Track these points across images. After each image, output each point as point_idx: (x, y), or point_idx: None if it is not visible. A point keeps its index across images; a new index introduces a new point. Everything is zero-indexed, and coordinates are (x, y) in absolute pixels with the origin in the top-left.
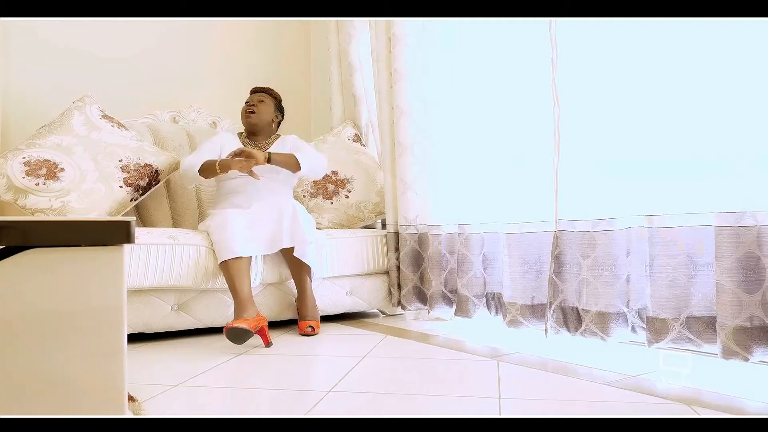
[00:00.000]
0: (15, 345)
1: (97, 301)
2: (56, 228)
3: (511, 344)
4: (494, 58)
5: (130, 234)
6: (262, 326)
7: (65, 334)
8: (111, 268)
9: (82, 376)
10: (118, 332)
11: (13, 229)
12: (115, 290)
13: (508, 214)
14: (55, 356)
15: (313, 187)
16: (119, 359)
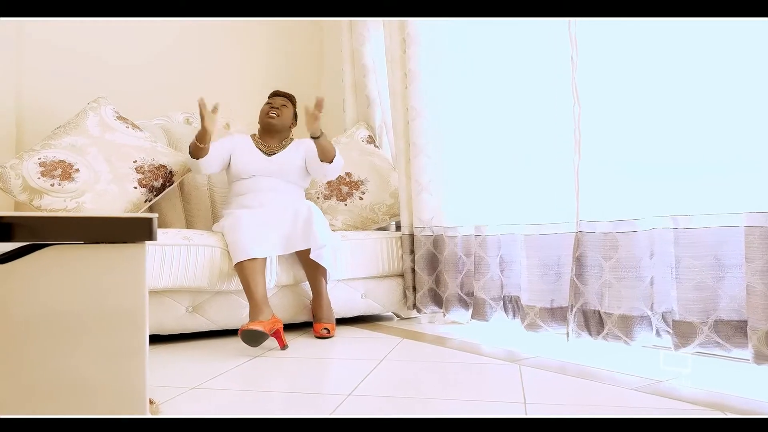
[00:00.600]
0: (34, 344)
1: (118, 300)
2: (77, 224)
3: (529, 348)
4: (511, 57)
5: (153, 231)
6: (277, 328)
7: (85, 333)
8: (132, 265)
9: (102, 378)
10: (139, 332)
11: (32, 225)
12: (136, 289)
13: (525, 215)
14: (74, 356)
15: (327, 188)
16: (140, 360)
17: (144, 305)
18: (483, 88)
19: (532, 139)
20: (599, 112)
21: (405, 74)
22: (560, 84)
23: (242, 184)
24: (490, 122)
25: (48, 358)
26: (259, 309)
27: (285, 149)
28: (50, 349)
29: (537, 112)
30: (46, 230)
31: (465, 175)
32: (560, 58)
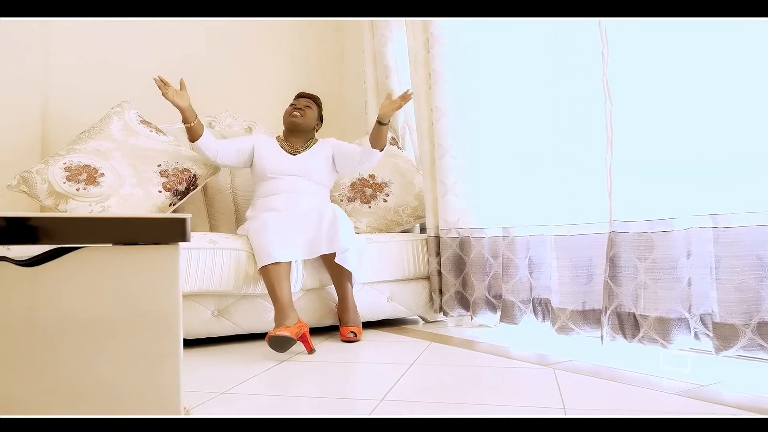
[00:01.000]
0: (66, 348)
1: (151, 303)
2: (109, 225)
3: (559, 351)
4: (539, 54)
5: (186, 231)
6: (304, 333)
7: (118, 337)
8: (166, 267)
9: (136, 382)
10: (173, 335)
11: (64, 227)
12: (170, 291)
13: (555, 215)
14: (107, 361)
15: (351, 191)
16: (174, 364)
17: (178, 308)
18: (509, 86)
19: (560, 138)
20: (632, 108)
21: (429, 74)
22: (590, 81)
23: (267, 185)
24: (517, 121)
25: (80, 363)
26: (284, 313)
27: (309, 149)
28: (83, 353)
29: (566, 110)
30: (78, 232)
31: (491, 175)
32: (590, 55)
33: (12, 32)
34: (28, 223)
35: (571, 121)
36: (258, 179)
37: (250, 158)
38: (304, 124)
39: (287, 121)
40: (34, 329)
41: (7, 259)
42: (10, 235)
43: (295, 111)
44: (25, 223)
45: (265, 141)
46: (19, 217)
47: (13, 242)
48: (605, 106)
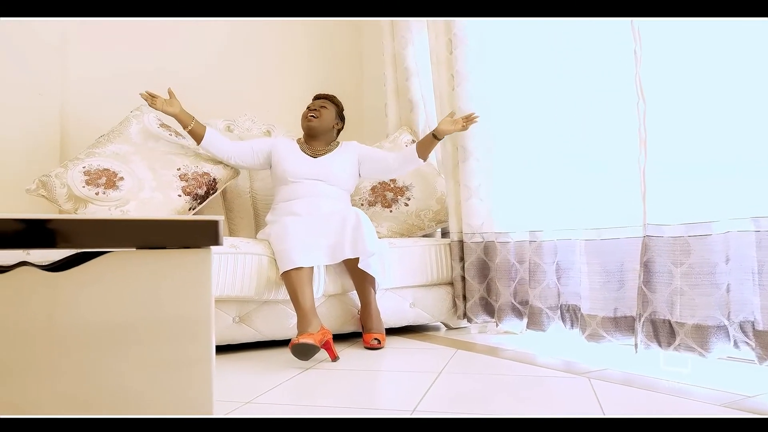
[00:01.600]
0: (94, 355)
1: (181, 308)
2: (138, 228)
3: (589, 359)
4: (566, 53)
5: (219, 235)
6: (327, 340)
7: (147, 343)
8: (197, 272)
9: (166, 388)
10: (205, 342)
11: (91, 229)
12: (201, 296)
13: (584, 219)
14: (135, 367)
15: (371, 195)
16: (206, 369)
17: (209, 314)
18: (535, 86)
19: (589, 140)
20: (666, 107)
21: (452, 76)
22: (622, 80)
23: (287, 189)
24: (544, 122)
25: (107, 371)
26: (307, 320)
27: (331, 152)
28: (111, 361)
29: (595, 111)
30: (105, 236)
31: (517, 178)
32: (622, 53)
33: (30, 36)
34: (52, 225)
35: (601, 121)
36: (278, 183)
37: (267, 160)
38: (320, 127)
39: (303, 125)
40: (58, 336)
41: (29, 263)
42: (31, 239)
43: (310, 114)
44: (48, 226)
45: (285, 144)
46: (41, 219)
47: (35, 246)
48: (638, 106)
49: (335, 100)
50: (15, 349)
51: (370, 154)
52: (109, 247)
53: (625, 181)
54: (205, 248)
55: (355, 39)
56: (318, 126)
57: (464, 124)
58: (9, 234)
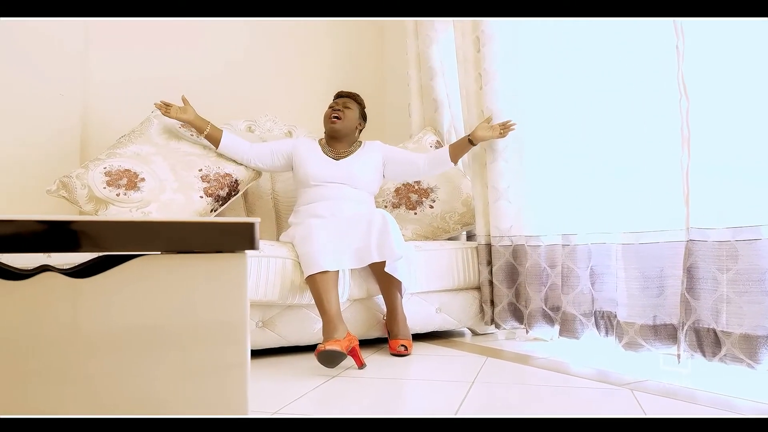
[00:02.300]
0: (129, 361)
1: (216, 315)
2: (172, 231)
3: (625, 369)
4: (600, 49)
5: (255, 238)
6: (354, 346)
7: (182, 350)
8: (232, 277)
9: (200, 394)
10: (241, 349)
11: (123, 232)
12: (236, 303)
13: (621, 222)
14: (167, 374)
15: (395, 197)
16: (242, 377)
17: (245, 323)
18: (567, 84)
19: (626, 139)
20: (712, 105)
21: (479, 74)
22: (663, 76)
23: (310, 192)
24: (577, 121)
25: (138, 378)
26: (333, 326)
27: (354, 153)
28: (145, 368)
29: (632, 109)
30: (133, 239)
31: (548, 179)
32: (663, 48)
33: (52, 39)
34: (80, 227)
35: (638, 120)
36: (300, 186)
37: (287, 162)
38: (345, 128)
39: (327, 127)
40: (86, 341)
41: (52, 268)
42: (58, 241)
43: (334, 115)
44: (75, 228)
45: (306, 146)
46: (67, 220)
47: (61, 249)
48: (680, 104)
49: (358, 98)
50: (46, 355)
51: (396, 156)
52: (140, 251)
53: (664, 182)
54: (240, 253)
55: (377, 38)
56: (342, 128)
57: (502, 131)
58: (33, 236)
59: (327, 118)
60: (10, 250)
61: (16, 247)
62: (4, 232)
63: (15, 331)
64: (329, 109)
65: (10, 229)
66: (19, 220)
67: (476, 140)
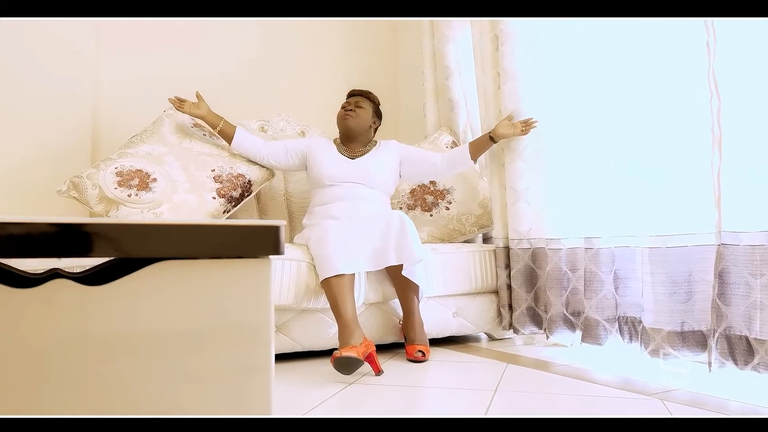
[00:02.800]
0: (146, 365)
1: (237, 318)
2: (195, 235)
3: (649, 377)
4: (625, 46)
5: (280, 242)
6: (370, 352)
7: (198, 355)
8: (255, 284)
9: (222, 401)
10: (265, 354)
11: (137, 236)
12: (260, 310)
13: (647, 225)
14: (185, 380)
15: (410, 198)
16: (266, 384)
17: (269, 334)
18: (590, 81)
19: (653, 139)
20: (745, 104)
21: (497, 73)
22: (692, 74)
23: (325, 192)
24: (600, 119)
25: (158, 383)
26: (349, 331)
27: (369, 153)
28: (158, 373)
29: (660, 108)
30: (153, 244)
31: (569, 181)
32: (693, 45)
33: (63, 38)
34: (93, 230)
35: (666, 119)
36: (314, 186)
37: (302, 161)
38: (358, 127)
39: (340, 126)
40: (104, 346)
41: (62, 274)
42: (68, 246)
43: (346, 114)
44: (88, 231)
45: (321, 145)
46: (79, 223)
47: (72, 254)
48: (711, 103)
49: (371, 96)
50: (64, 359)
51: (414, 155)
52: (161, 256)
53: (694, 184)
54: (263, 258)
55: (390, 36)
56: (355, 126)
57: (523, 129)
58: (47, 240)
59: (340, 117)
60: (22, 255)
61: (27, 251)
62: (16, 234)
63: (35, 335)
64: (341, 108)
65: (20, 230)
66: (31, 223)
67: (497, 137)
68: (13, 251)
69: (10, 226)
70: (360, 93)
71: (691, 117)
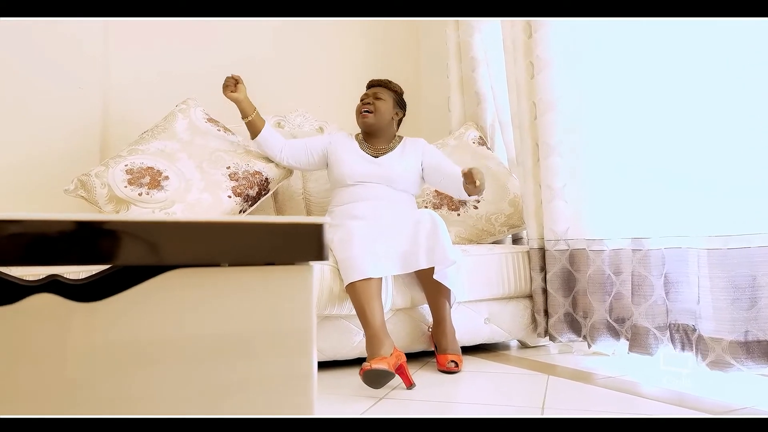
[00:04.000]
0: (184, 375)
1: (280, 327)
2: (223, 236)
3: (705, 391)
4: (676, 31)
5: (323, 246)
6: (401, 363)
7: (235, 364)
8: (295, 293)
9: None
10: (307, 353)
11: (171, 237)
12: (301, 319)
13: (702, 224)
14: (231, 387)
15: (436, 197)
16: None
17: (312, 332)
18: (636, 67)
19: (708, 129)
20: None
21: (531, 63)
22: (749, 57)
23: (346, 192)
24: (647, 110)
25: (200, 394)
26: (378, 341)
27: (394, 150)
28: (190, 382)
29: (715, 94)
30: (182, 247)
31: (612, 177)
32: (750, 38)
33: (72, 34)
34: (113, 228)
35: (724, 107)
36: (336, 185)
37: (322, 160)
38: (378, 122)
39: (359, 124)
40: (124, 355)
41: (58, 285)
42: (88, 249)
43: (364, 109)
44: (106, 228)
45: (342, 143)
46: (98, 220)
47: (92, 261)
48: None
49: (391, 85)
50: (96, 365)
51: (437, 165)
52: (183, 263)
53: (757, 180)
54: (304, 264)
55: (412, 27)
56: (375, 122)
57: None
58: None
59: (358, 112)
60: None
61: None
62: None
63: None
64: (360, 102)
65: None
66: (43, 220)
67: (472, 194)
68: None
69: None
70: (379, 83)
71: (754, 104)
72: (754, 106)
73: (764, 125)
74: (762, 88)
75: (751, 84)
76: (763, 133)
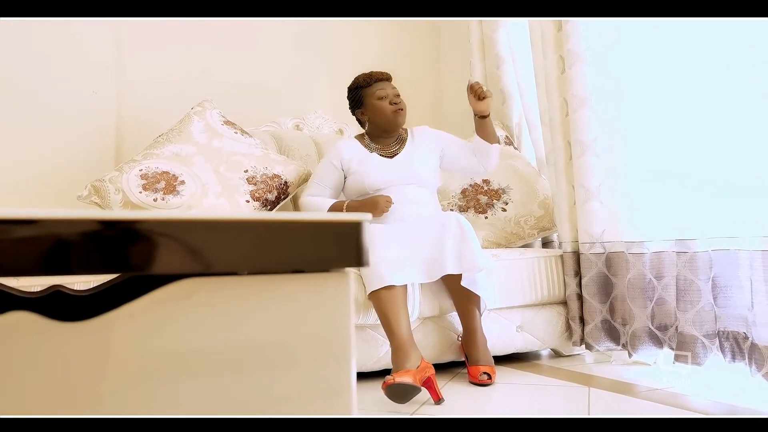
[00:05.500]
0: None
1: (314, 334)
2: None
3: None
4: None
5: (362, 250)
6: (429, 377)
7: (267, 374)
8: (331, 301)
9: None
10: (346, 362)
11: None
12: (339, 321)
13: (755, 225)
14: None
15: (462, 199)
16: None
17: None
18: (676, 59)
19: (759, 126)
20: None
21: (561, 57)
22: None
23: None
24: (690, 105)
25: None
26: (404, 353)
27: (407, 146)
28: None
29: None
30: (210, 253)
31: (653, 176)
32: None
33: (86, 38)
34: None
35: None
36: (356, 195)
37: (343, 179)
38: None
39: (392, 122)
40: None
41: (59, 295)
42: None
43: (398, 108)
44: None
45: (350, 153)
46: (132, 219)
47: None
48: None
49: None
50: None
51: (458, 143)
52: (202, 272)
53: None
54: (339, 271)
55: (433, 26)
56: (404, 120)
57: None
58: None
59: (391, 113)
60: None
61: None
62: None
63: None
64: (384, 101)
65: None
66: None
67: (478, 113)
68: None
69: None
70: (387, 77)
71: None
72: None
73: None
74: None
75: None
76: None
